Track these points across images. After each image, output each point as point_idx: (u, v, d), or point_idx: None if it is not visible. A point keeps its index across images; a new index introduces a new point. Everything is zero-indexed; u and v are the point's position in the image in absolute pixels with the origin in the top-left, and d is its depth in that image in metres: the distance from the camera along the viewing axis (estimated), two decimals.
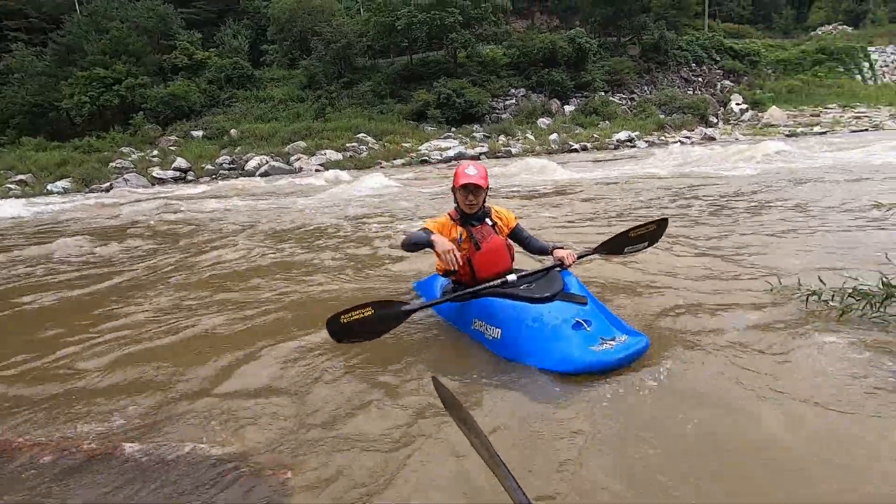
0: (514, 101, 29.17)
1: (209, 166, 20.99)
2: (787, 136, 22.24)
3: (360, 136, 23.62)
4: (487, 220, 2.74)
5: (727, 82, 33.95)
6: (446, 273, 2.80)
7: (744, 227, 4.94)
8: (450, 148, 21.39)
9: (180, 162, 20.81)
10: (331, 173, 16.43)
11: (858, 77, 36.33)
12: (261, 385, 2.30)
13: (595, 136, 23.77)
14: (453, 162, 19.40)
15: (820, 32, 43.37)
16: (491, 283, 2.50)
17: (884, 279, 2.30)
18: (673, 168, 11.55)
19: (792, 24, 49.66)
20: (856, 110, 29.27)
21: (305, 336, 2.78)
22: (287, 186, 14.53)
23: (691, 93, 32.05)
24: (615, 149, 21.83)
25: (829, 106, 30.60)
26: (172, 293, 4.00)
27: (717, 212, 5.89)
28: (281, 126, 25.01)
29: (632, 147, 22.02)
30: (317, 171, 18.91)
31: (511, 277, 2.50)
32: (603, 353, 2.07)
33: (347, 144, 22.66)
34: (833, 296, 2.48)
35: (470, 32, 29.25)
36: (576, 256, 2.67)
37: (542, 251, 2.81)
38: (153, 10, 30.04)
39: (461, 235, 2.65)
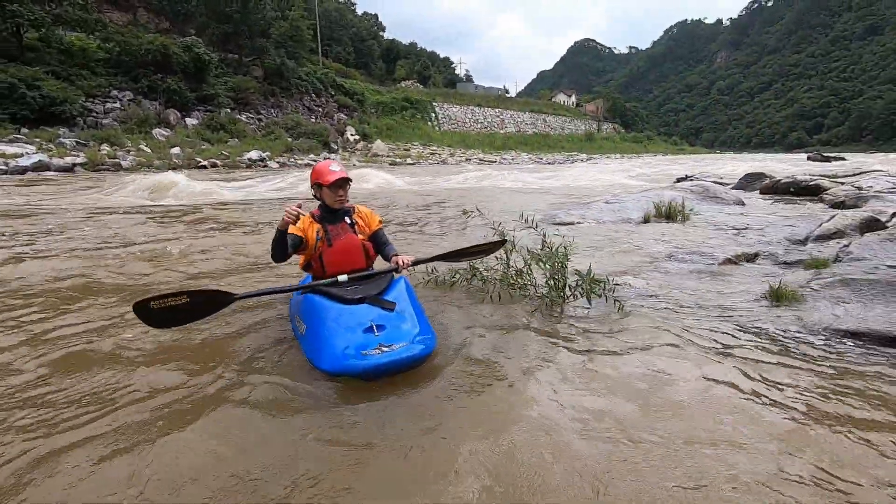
0: (118, 105, 24.54)
1: None
2: (390, 164, 27.31)
3: None
4: (347, 218, 2.75)
5: (342, 115, 38.83)
6: (306, 268, 2.81)
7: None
8: (22, 155, 15.96)
9: None
10: None
11: (430, 124, 48.42)
12: None
13: (225, 153, 22.69)
14: (30, 174, 14.61)
15: (403, 85, 55.54)
16: (322, 281, 2.52)
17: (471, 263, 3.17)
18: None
19: (385, 75, 61.54)
20: (431, 148, 38.87)
21: None
22: None
23: (314, 120, 35.02)
24: (248, 167, 21.44)
25: (415, 143, 39.51)
26: None
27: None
28: None
29: (264, 167, 22.14)
30: None
31: (342, 277, 2.53)
32: (371, 357, 2.05)
33: None
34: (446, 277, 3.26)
35: (44, 10, 22.83)
36: (411, 261, 2.68)
37: (387, 257, 2.81)
38: None
39: (318, 233, 2.67)
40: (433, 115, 50.07)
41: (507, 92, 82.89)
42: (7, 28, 22.04)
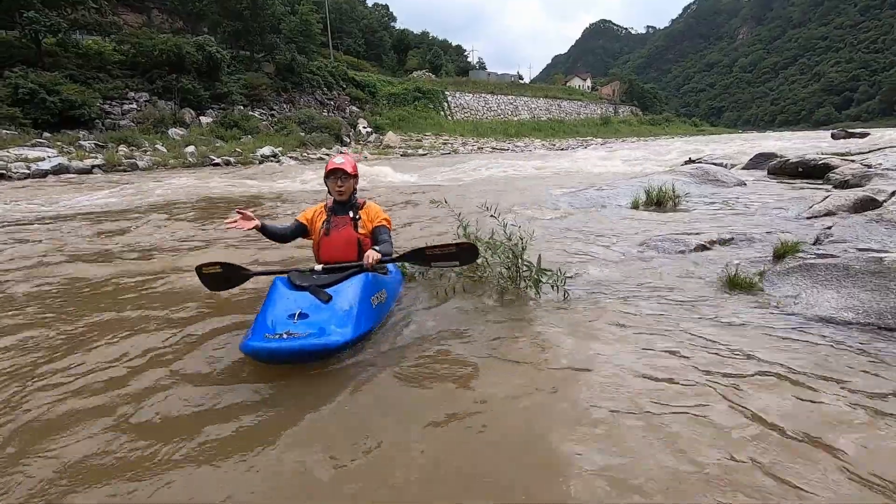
0: (135, 106, 25.14)
1: None
2: (401, 156, 27.40)
3: None
4: (352, 212, 2.86)
5: (354, 108, 38.97)
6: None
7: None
8: (43, 158, 16.56)
9: None
10: None
11: (442, 113, 48.20)
12: None
13: (238, 150, 23.07)
14: (51, 177, 15.16)
15: (415, 75, 55.27)
16: (299, 267, 2.72)
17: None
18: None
19: (396, 66, 61.34)
20: (443, 138, 38.76)
21: None
22: None
23: (326, 114, 35.23)
24: (260, 164, 21.75)
25: (427, 133, 39.42)
26: None
27: None
28: None
29: (276, 162, 22.41)
30: None
31: (318, 267, 2.68)
32: (270, 341, 2.10)
33: None
34: None
35: (60, 15, 23.43)
36: (377, 259, 2.66)
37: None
38: None
39: (322, 223, 2.86)
40: (445, 104, 49.81)
41: (520, 78, 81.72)
42: (26, 35, 22.73)
